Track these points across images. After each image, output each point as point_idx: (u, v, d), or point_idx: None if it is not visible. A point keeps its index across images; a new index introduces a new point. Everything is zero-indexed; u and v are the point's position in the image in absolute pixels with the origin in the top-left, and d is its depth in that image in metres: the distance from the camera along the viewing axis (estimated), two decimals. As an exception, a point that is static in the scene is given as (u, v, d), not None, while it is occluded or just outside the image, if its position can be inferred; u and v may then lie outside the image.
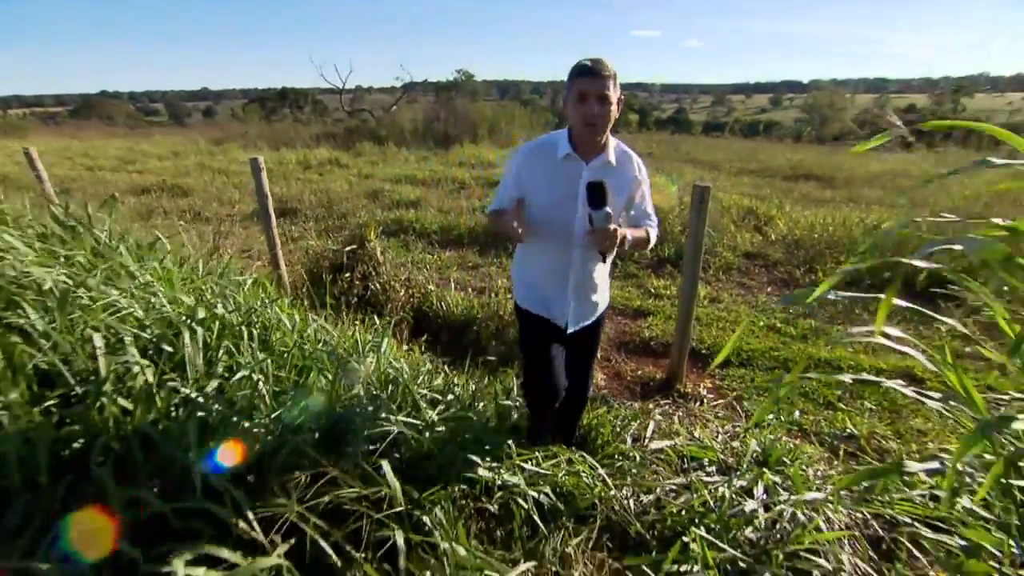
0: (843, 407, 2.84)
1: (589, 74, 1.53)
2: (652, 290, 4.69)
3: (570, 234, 1.69)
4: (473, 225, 6.39)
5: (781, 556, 1.47)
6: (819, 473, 2.04)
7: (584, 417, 2.24)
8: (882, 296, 1.00)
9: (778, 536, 1.55)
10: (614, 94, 1.56)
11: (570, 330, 1.84)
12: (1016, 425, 0.91)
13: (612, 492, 1.77)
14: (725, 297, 4.62)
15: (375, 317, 2.77)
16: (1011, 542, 1.19)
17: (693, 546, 1.46)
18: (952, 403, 1.22)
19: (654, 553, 1.51)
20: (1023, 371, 1.18)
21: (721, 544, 1.48)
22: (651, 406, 2.63)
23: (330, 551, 1.14)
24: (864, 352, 3.44)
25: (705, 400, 2.88)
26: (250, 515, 1.06)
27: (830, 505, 1.68)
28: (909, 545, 1.54)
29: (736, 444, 2.20)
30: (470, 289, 4.26)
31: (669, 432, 2.24)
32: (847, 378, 1.15)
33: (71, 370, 1.26)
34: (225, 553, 1.02)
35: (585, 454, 1.87)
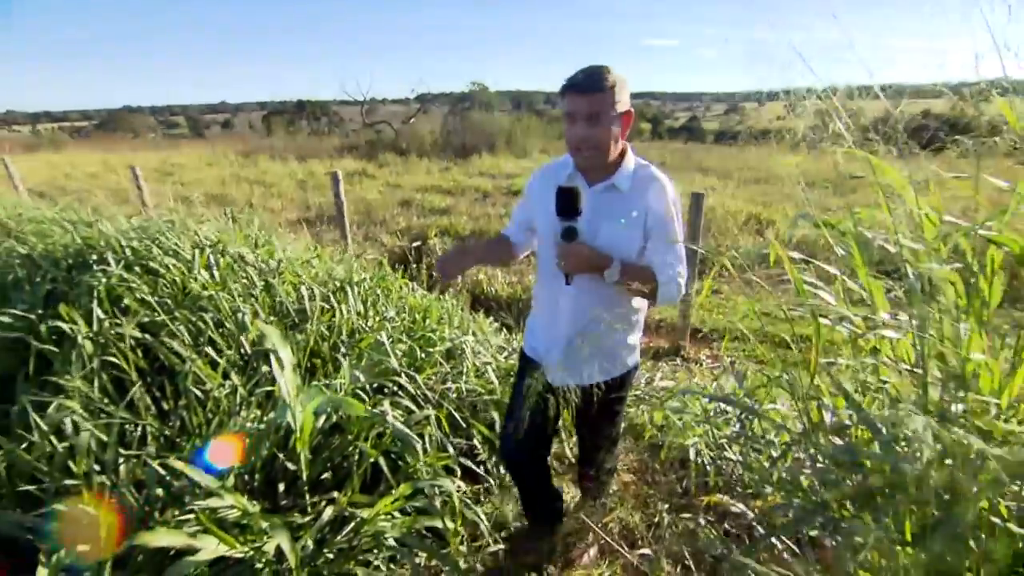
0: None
1: (575, 90, 1.28)
2: (662, 283, 5.40)
3: None
4: (501, 230, 7.18)
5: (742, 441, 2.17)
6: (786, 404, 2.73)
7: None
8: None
9: (747, 430, 2.25)
10: (612, 110, 1.29)
11: (554, 383, 1.49)
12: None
13: (632, 410, 2.49)
14: (725, 289, 5.30)
15: (441, 295, 3.53)
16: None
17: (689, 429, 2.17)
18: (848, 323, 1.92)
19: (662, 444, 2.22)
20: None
21: (708, 431, 2.18)
22: (660, 363, 3.35)
23: (460, 420, 1.88)
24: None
25: (704, 363, 3.58)
26: (419, 383, 1.81)
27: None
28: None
29: (726, 388, 2.90)
30: (512, 278, 5.03)
31: (673, 378, 2.95)
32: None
33: (292, 308, 2.02)
34: (406, 402, 1.77)
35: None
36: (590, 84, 1.27)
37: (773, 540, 1.28)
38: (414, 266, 3.88)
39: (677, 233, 1.42)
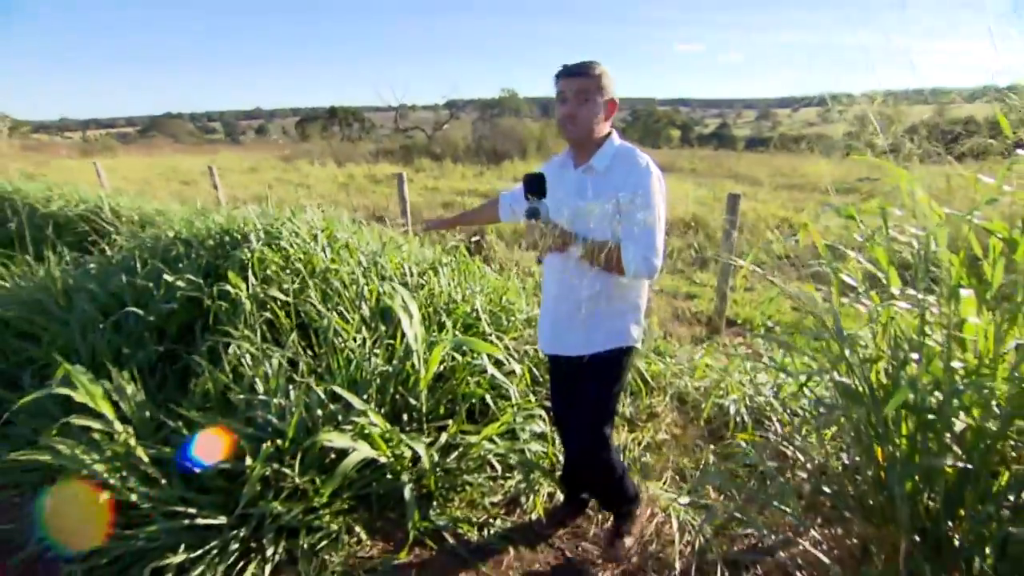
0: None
1: (567, 73, 1.50)
2: (697, 281, 5.72)
3: None
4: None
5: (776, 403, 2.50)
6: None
7: (655, 344, 3.27)
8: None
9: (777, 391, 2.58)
10: (598, 94, 1.49)
11: (544, 349, 1.72)
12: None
13: (676, 380, 2.84)
14: (758, 286, 5.59)
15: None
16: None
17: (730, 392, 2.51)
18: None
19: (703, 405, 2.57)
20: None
21: (747, 392, 2.52)
22: (698, 348, 3.68)
23: (539, 375, 2.26)
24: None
25: (738, 349, 3.89)
26: (505, 341, 2.20)
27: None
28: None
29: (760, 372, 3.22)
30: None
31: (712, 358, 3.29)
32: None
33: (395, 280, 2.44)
34: (498, 356, 2.15)
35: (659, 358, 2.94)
36: (580, 69, 1.49)
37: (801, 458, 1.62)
38: (474, 257, 4.32)
39: (652, 211, 1.45)
